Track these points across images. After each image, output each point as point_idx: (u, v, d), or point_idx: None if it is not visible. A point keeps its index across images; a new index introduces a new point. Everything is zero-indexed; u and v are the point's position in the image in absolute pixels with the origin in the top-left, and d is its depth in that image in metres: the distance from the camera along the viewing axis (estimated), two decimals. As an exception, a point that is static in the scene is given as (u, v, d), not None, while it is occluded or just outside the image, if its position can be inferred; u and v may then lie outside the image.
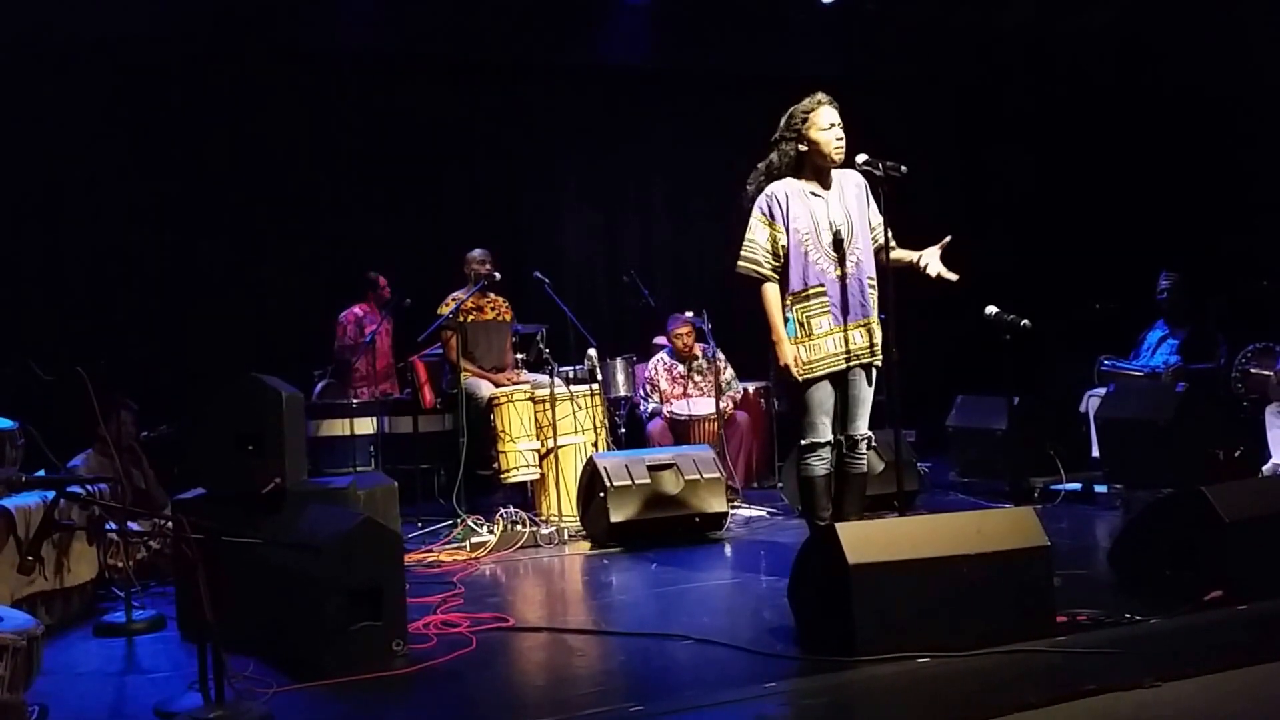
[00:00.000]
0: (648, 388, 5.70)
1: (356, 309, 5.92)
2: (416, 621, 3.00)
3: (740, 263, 3.23)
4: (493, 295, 5.30)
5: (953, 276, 3.23)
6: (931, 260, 3.21)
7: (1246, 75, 5.95)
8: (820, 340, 3.18)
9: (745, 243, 3.24)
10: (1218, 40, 6.04)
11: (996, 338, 3.68)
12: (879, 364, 3.24)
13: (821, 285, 3.19)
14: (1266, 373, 4.87)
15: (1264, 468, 4.51)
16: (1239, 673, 2.33)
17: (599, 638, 2.95)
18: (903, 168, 3.13)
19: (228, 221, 6.05)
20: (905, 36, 6.91)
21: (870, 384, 3.29)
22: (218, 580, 2.30)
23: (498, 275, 5.10)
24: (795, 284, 3.20)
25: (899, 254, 3.26)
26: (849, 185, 3.29)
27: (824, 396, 3.20)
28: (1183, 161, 6.22)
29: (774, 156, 3.26)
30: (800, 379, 3.18)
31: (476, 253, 5.25)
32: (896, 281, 3.23)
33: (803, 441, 3.24)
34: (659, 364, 5.74)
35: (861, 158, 3.17)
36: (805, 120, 3.19)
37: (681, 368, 5.71)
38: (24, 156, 5.56)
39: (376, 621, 2.69)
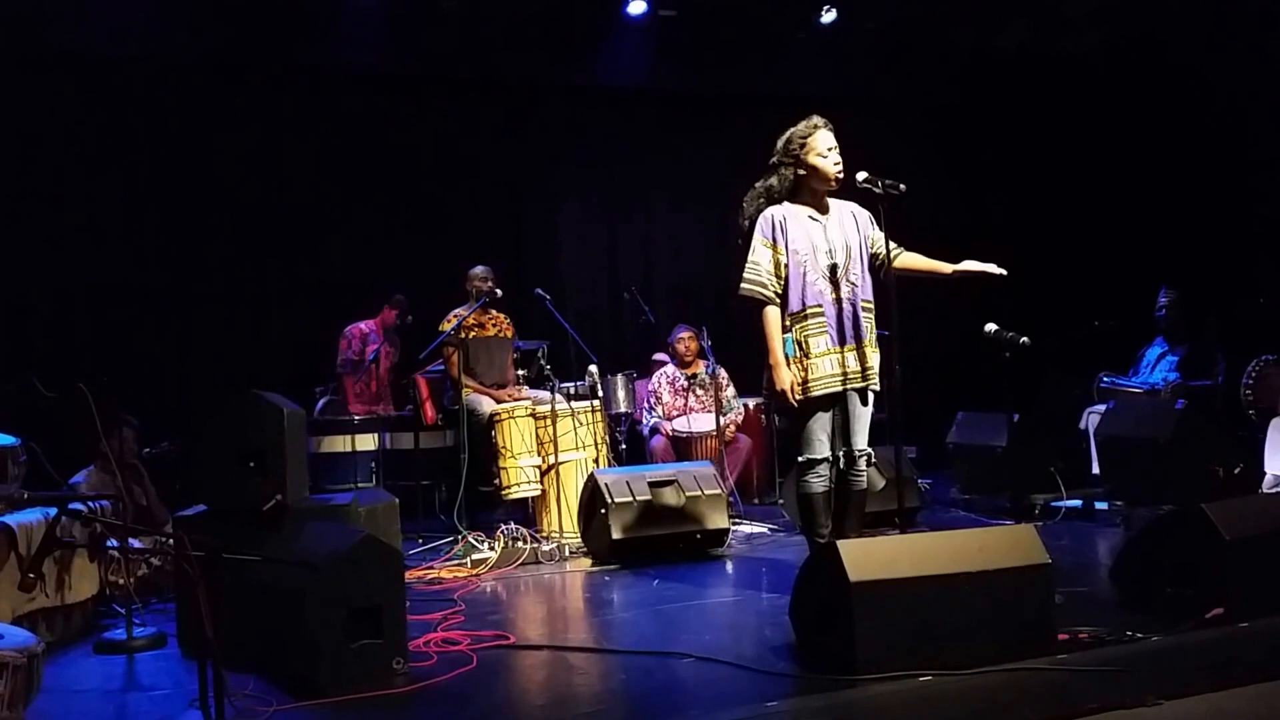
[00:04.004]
0: (651, 400, 5.71)
1: (362, 325, 5.92)
2: (417, 639, 2.99)
3: (744, 285, 3.25)
4: (494, 312, 5.32)
5: (997, 270, 3.24)
6: (970, 264, 3.26)
7: (1242, 91, 6.00)
8: (818, 360, 3.19)
9: (748, 265, 3.26)
10: (1213, 57, 6.09)
11: (996, 355, 3.69)
12: (874, 388, 3.25)
13: (819, 306, 3.21)
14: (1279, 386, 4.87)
15: (1264, 483, 4.50)
16: (1241, 691, 2.33)
17: (600, 655, 2.94)
18: (901, 185, 3.16)
19: (230, 238, 6.08)
20: (902, 57, 6.96)
21: (866, 404, 3.31)
22: (218, 597, 2.30)
23: (499, 292, 5.12)
24: (794, 304, 3.22)
25: (920, 262, 3.30)
26: (848, 214, 3.32)
27: (822, 414, 3.22)
28: (1180, 178, 6.26)
29: (773, 180, 3.28)
30: (798, 398, 3.19)
31: (478, 269, 5.27)
32: (903, 295, 3.24)
33: (801, 459, 3.25)
34: (661, 377, 5.76)
35: (861, 175, 3.20)
36: (803, 145, 3.23)
37: (683, 379, 5.73)
38: (26, 171, 5.60)
39: (377, 639, 2.69)
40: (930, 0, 6.58)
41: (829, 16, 6.54)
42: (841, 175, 3.19)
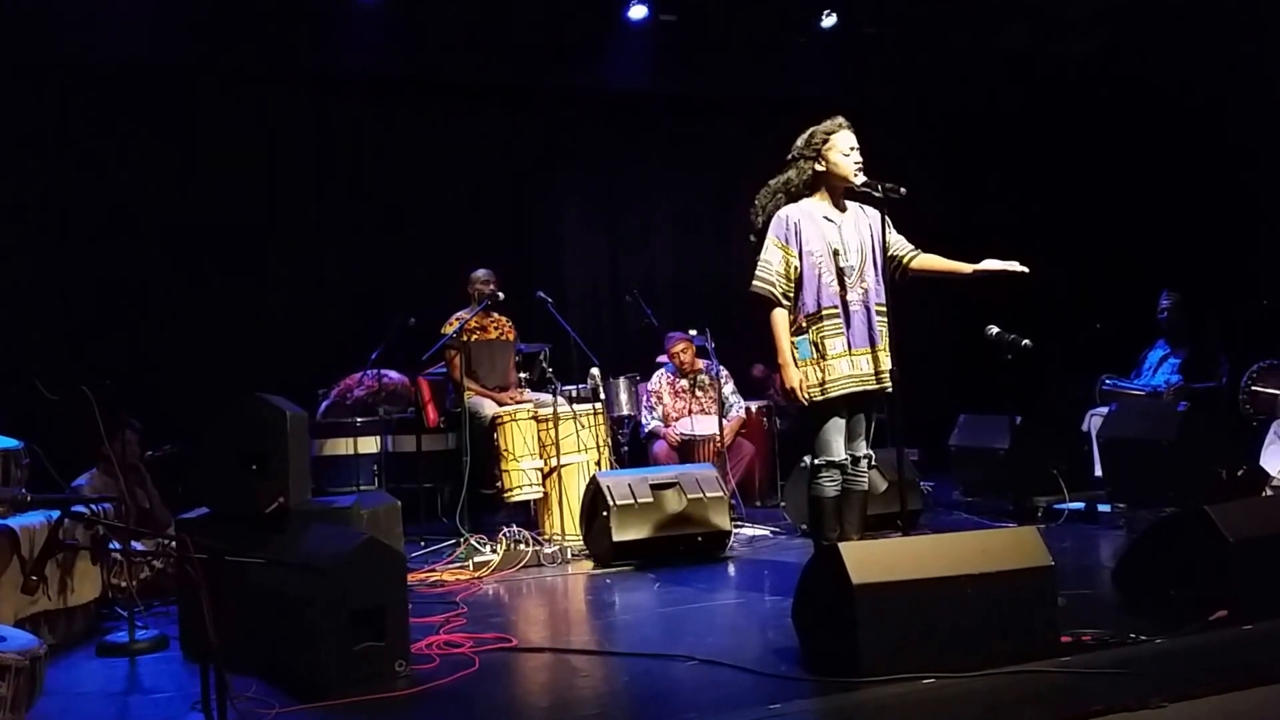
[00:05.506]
0: (652, 399, 5.71)
1: (399, 384, 5.73)
2: (419, 641, 2.99)
3: (755, 283, 3.25)
4: (496, 315, 5.32)
5: (1019, 267, 3.20)
6: (991, 263, 3.23)
7: (1243, 93, 6.00)
8: (835, 361, 3.18)
9: (760, 263, 3.25)
10: (1213, 59, 6.10)
11: (998, 357, 3.69)
12: (887, 390, 3.23)
13: (835, 307, 3.20)
14: (1275, 391, 4.88)
15: (1268, 486, 4.50)
16: (1245, 693, 2.32)
17: (602, 658, 2.94)
18: (902, 189, 3.16)
19: (233, 241, 6.08)
20: (903, 60, 6.97)
21: (874, 408, 3.31)
22: (221, 600, 2.30)
23: (501, 295, 5.12)
24: (810, 306, 3.21)
25: (939, 263, 3.29)
26: (864, 215, 3.32)
27: (837, 417, 3.21)
28: (1182, 181, 6.26)
29: (791, 174, 3.29)
30: (815, 400, 3.18)
31: (480, 272, 5.27)
32: (904, 298, 3.24)
33: (816, 461, 3.24)
34: (662, 378, 5.77)
35: (861, 179, 3.20)
36: (826, 142, 3.22)
37: (684, 382, 5.73)
38: (30, 176, 5.61)
39: (379, 642, 2.69)
40: (930, 4, 6.59)
41: (829, 20, 6.55)
42: (860, 175, 3.18)
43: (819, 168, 3.24)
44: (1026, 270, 3.22)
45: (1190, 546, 2.91)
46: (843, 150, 3.20)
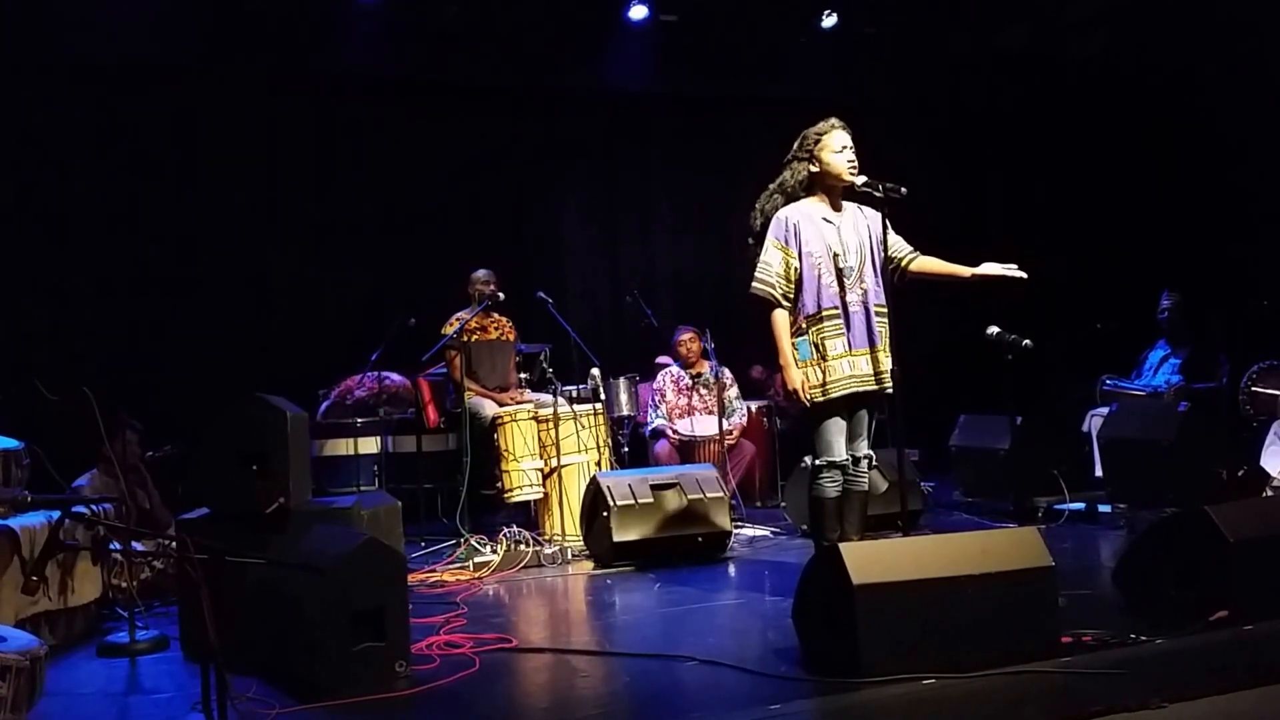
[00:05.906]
0: (656, 398, 5.72)
1: (395, 380, 5.75)
2: (419, 642, 2.99)
3: (755, 284, 3.26)
4: (496, 315, 5.32)
5: (1018, 272, 3.21)
6: (990, 267, 3.24)
7: (1243, 93, 6.00)
8: (835, 362, 3.19)
9: (760, 264, 3.26)
10: (1213, 59, 6.10)
11: (999, 358, 3.69)
12: (888, 391, 3.23)
13: (835, 308, 3.21)
14: (1275, 391, 4.89)
15: (1269, 486, 4.50)
16: (1245, 693, 2.32)
17: (603, 658, 2.94)
18: (902, 189, 3.16)
19: (234, 242, 6.08)
20: (903, 60, 6.97)
21: (874, 408, 3.32)
22: (221, 600, 2.30)
23: (501, 295, 5.11)
24: (809, 307, 3.22)
25: (938, 265, 3.29)
26: (863, 216, 3.32)
27: (838, 417, 3.21)
28: (1182, 181, 6.26)
29: (786, 175, 3.30)
30: (816, 401, 3.18)
31: (480, 273, 5.27)
32: (905, 299, 3.24)
33: (817, 461, 3.24)
34: (666, 376, 5.78)
35: (861, 179, 3.20)
36: (818, 142, 3.23)
37: (688, 378, 5.74)
38: (31, 175, 5.61)
39: (379, 642, 2.69)
40: (930, 4, 6.59)
41: (829, 21, 6.55)
42: (855, 173, 3.19)
43: (813, 169, 3.25)
44: (1025, 276, 3.22)
45: (1190, 546, 2.91)
46: (834, 149, 3.21)
